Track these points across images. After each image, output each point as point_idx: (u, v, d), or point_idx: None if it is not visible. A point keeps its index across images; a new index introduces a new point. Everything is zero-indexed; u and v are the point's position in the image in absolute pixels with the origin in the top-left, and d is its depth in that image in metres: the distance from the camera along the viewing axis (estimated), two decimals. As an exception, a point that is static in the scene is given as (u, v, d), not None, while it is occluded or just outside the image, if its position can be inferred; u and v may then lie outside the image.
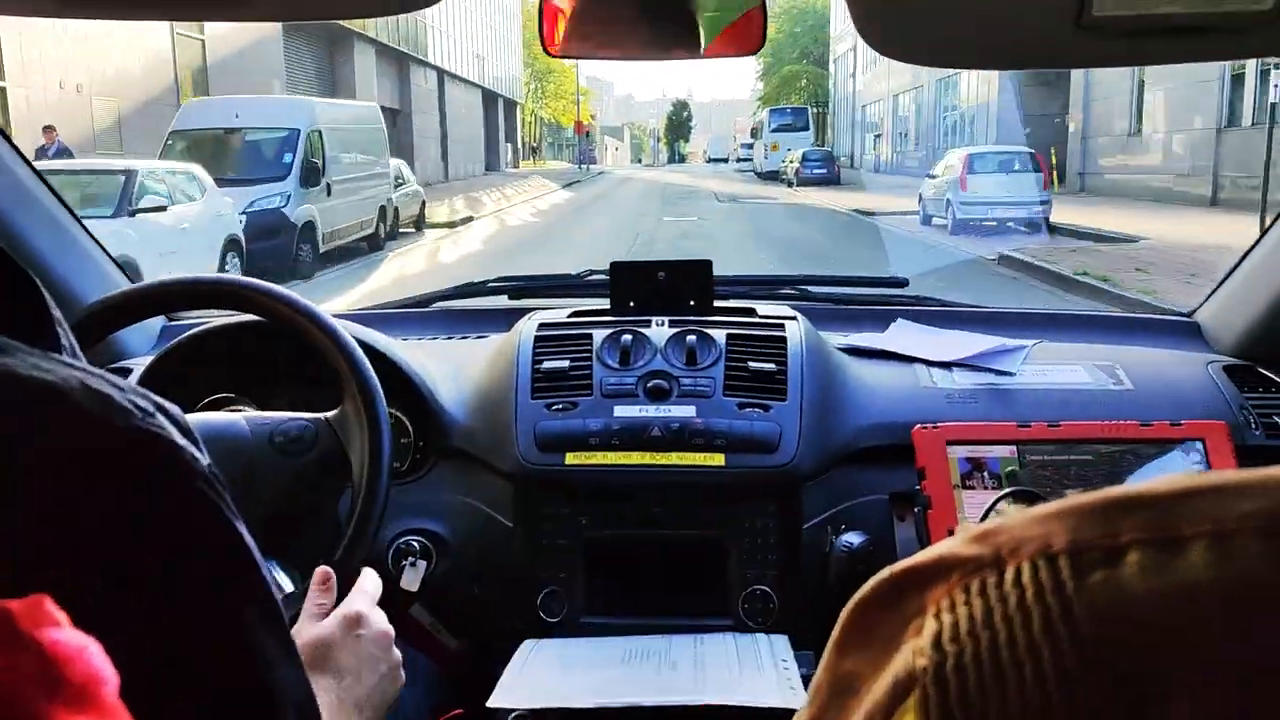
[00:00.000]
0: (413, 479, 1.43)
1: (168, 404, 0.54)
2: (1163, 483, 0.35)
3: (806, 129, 37.77)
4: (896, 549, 1.32)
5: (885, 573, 0.39)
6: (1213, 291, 1.71)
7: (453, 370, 1.54)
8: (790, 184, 27.18)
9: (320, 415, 1.23)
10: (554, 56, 1.23)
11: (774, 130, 37.59)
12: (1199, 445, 1.31)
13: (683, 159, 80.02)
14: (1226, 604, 0.31)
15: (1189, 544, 0.32)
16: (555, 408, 1.37)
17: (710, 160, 73.69)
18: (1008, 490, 0.98)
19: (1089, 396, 1.43)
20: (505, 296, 1.90)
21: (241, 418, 1.23)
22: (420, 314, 1.89)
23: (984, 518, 0.92)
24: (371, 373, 1.24)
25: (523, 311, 1.79)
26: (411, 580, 1.33)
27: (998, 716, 0.33)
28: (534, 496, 1.34)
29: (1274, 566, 0.31)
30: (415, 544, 1.35)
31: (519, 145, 49.53)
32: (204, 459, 0.54)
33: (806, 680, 1.19)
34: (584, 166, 45.13)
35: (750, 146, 57.66)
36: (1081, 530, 0.34)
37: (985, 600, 0.35)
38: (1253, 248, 1.60)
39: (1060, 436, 1.31)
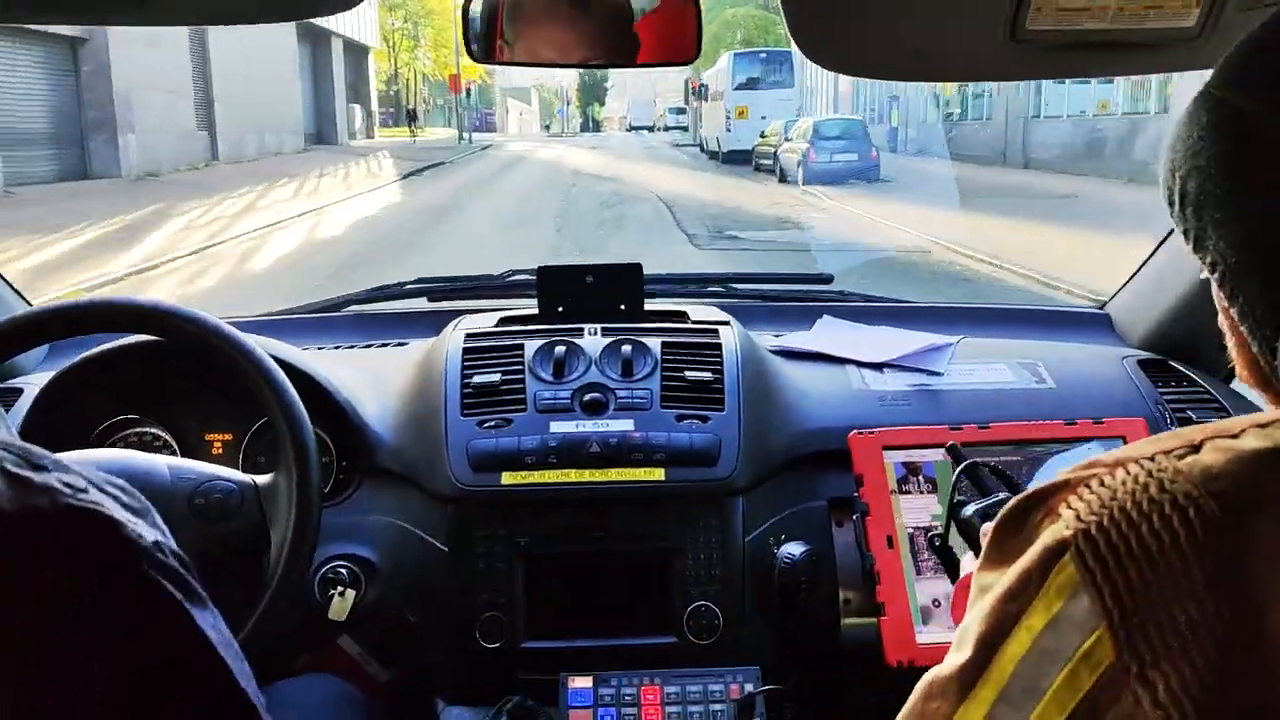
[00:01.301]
0: (337, 502, 1.37)
1: (109, 477, 0.49)
2: (1207, 424, 0.55)
3: (789, 85, 24.03)
4: (836, 556, 1.32)
5: (1014, 502, 0.58)
6: (1124, 284, 1.76)
7: (373, 382, 1.47)
8: (785, 178, 17.69)
9: (249, 479, 1.17)
10: (479, 62, 1.18)
11: (740, 87, 23.53)
12: (1120, 443, 1.34)
13: (597, 126, 67.90)
14: (1267, 458, 0.51)
15: (1243, 434, 0.52)
16: (488, 425, 1.32)
17: (632, 128, 60.45)
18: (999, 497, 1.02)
19: (1015, 396, 1.46)
20: (424, 299, 1.84)
21: (165, 465, 1.15)
22: (330, 319, 1.82)
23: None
24: (292, 392, 1.18)
25: (443, 315, 1.74)
26: (340, 610, 1.28)
27: (1139, 550, 0.49)
28: (469, 518, 1.30)
29: (1270, 439, 0.52)
30: (343, 571, 1.29)
31: (374, 109, 36.74)
32: (151, 534, 0.49)
33: (744, 689, 1.19)
34: (464, 137, 35.31)
35: (682, 111, 47.64)
36: (1168, 444, 0.53)
37: (1108, 488, 0.52)
38: (1163, 242, 1.65)
39: (991, 439, 1.33)
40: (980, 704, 0.53)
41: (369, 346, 1.66)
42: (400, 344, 1.65)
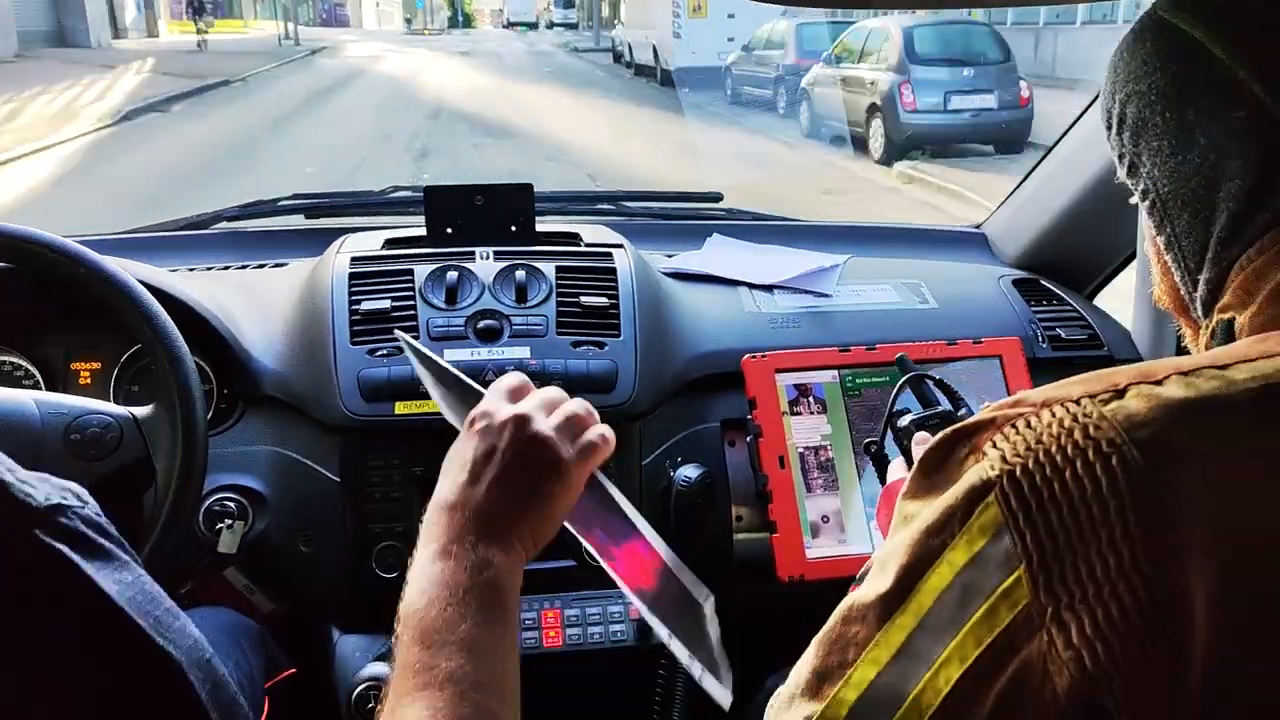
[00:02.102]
0: (219, 431, 1.32)
1: None
2: (1137, 364, 0.56)
3: None
4: (729, 475, 1.35)
5: (941, 435, 0.59)
6: (1000, 205, 1.82)
7: (253, 306, 1.41)
8: (831, 135, 10.29)
9: (127, 412, 1.11)
10: None
11: None
12: (998, 360, 1.41)
13: (468, 22, 56.18)
14: (1194, 405, 0.51)
15: (1166, 380, 0.52)
16: (379, 353, 1.29)
17: (511, 25, 49.50)
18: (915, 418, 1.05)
19: (899, 316, 1.50)
20: (301, 215, 1.76)
21: (32, 400, 1.08)
22: (199, 237, 1.72)
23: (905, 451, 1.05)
24: (166, 319, 1.12)
25: (322, 233, 1.67)
26: (230, 543, 1.24)
27: (1061, 496, 0.50)
28: (362, 448, 1.27)
29: (1201, 388, 0.52)
30: (230, 503, 1.26)
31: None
32: (42, 494, 0.47)
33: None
34: (289, 37, 27.51)
35: (570, 5, 43.10)
36: (1093, 386, 0.54)
37: (1033, 430, 0.53)
38: (1038, 164, 1.70)
39: (878, 359, 1.37)
40: (900, 630, 0.55)
41: (245, 267, 1.58)
42: (279, 264, 1.58)
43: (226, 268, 1.58)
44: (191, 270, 1.55)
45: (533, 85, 17.34)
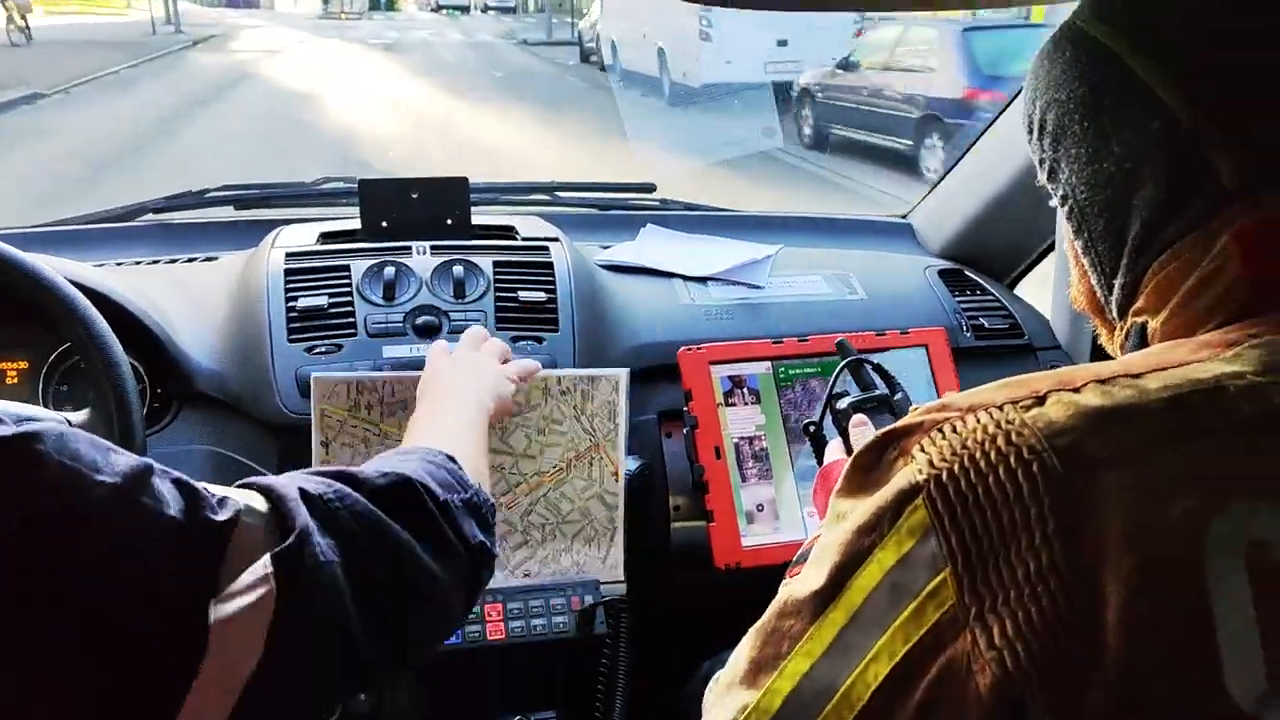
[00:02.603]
0: (153, 431, 1.30)
1: None
2: (1058, 369, 0.58)
3: None
4: (666, 465, 1.38)
5: (873, 436, 0.60)
6: (926, 195, 1.87)
7: (184, 301, 1.39)
8: None
9: (60, 418, 1.09)
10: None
11: None
12: (924, 350, 1.46)
13: (391, 4, 45.22)
14: (1110, 413, 0.53)
15: (1084, 388, 0.54)
16: (317, 350, 1.29)
17: (440, 8, 41.91)
18: (852, 400, 1.09)
19: (830, 307, 1.54)
20: (230, 207, 1.73)
21: None
22: (124, 230, 1.69)
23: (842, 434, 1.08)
24: (98, 319, 1.10)
25: (252, 225, 1.65)
26: None
27: (985, 500, 0.52)
28: (301, 446, 1.27)
29: (1116, 396, 0.54)
30: None
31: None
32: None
33: (584, 601, 1.25)
34: (166, 22, 22.60)
35: None
36: (1014, 394, 0.56)
37: (959, 435, 0.55)
38: (962, 157, 1.75)
39: (809, 351, 1.41)
40: (831, 626, 0.57)
41: (174, 261, 1.56)
42: (209, 258, 1.56)
43: (155, 262, 1.55)
44: (119, 265, 1.52)
45: (487, 103, 12.24)
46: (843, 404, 1.09)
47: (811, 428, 1.14)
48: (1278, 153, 0.59)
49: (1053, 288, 1.61)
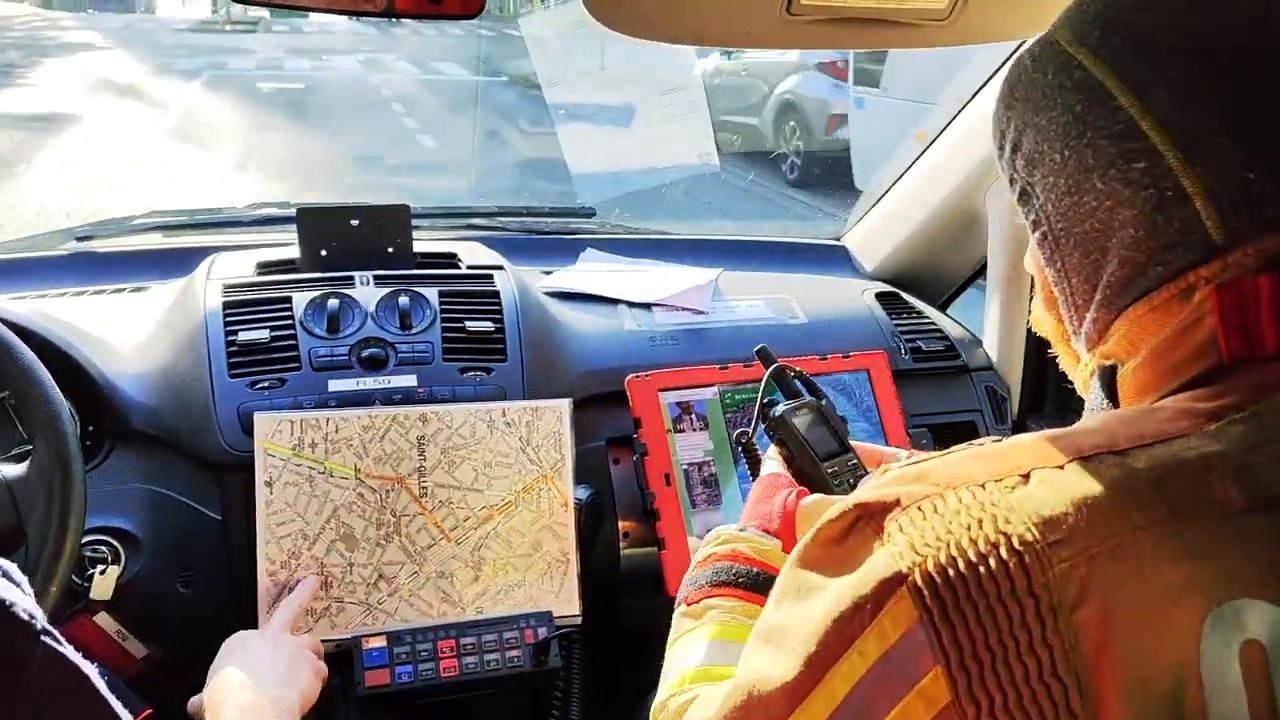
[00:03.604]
0: (87, 470, 1.25)
1: None
2: (1036, 438, 0.55)
3: None
4: (615, 492, 1.38)
5: (842, 507, 0.57)
6: (860, 217, 1.91)
7: (115, 334, 1.35)
8: None
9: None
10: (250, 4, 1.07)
11: None
12: (866, 374, 1.49)
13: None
14: (1098, 496, 0.50)
15: (1069, 467, 0.52)
16: (260, 385, 1.26)
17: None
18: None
19: (772, 332, 1.56)
20: (159, 234, 1.68)
21: None
22: (46, 260, 1.63)
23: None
24: (32, 359, 1.06)
25: (183, 253, 1.61)
26: (104, 589, 1.19)
27: (977, 595, 0.49)
28: (246, 484, 1.24)
29: (1102, 477, 0.51)
30: (102, 546, 1.20)
31: None
32: None
33: (538, 634, 1.24)
34: None
35: None
36: (995, 469, 0.53)
37: (940, 517, 0.52)
38: (897, 180, 1.80)
39: (755, 376, 1.42)
40: (812, 718, 0.54)
41: (100, 292, 1.50)
42: (139, 288, 1.51)
43: (81, 293, 1.50)
44: (42, 296, 1.46)
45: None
46: (777, 411, 1.07)
47: (744, 438, 1.14)
48: (1262, 204, 0.56)
49: (986, 312, 1.66)
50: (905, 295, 1.73)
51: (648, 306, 1.58)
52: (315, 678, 1.08)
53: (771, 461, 1.05)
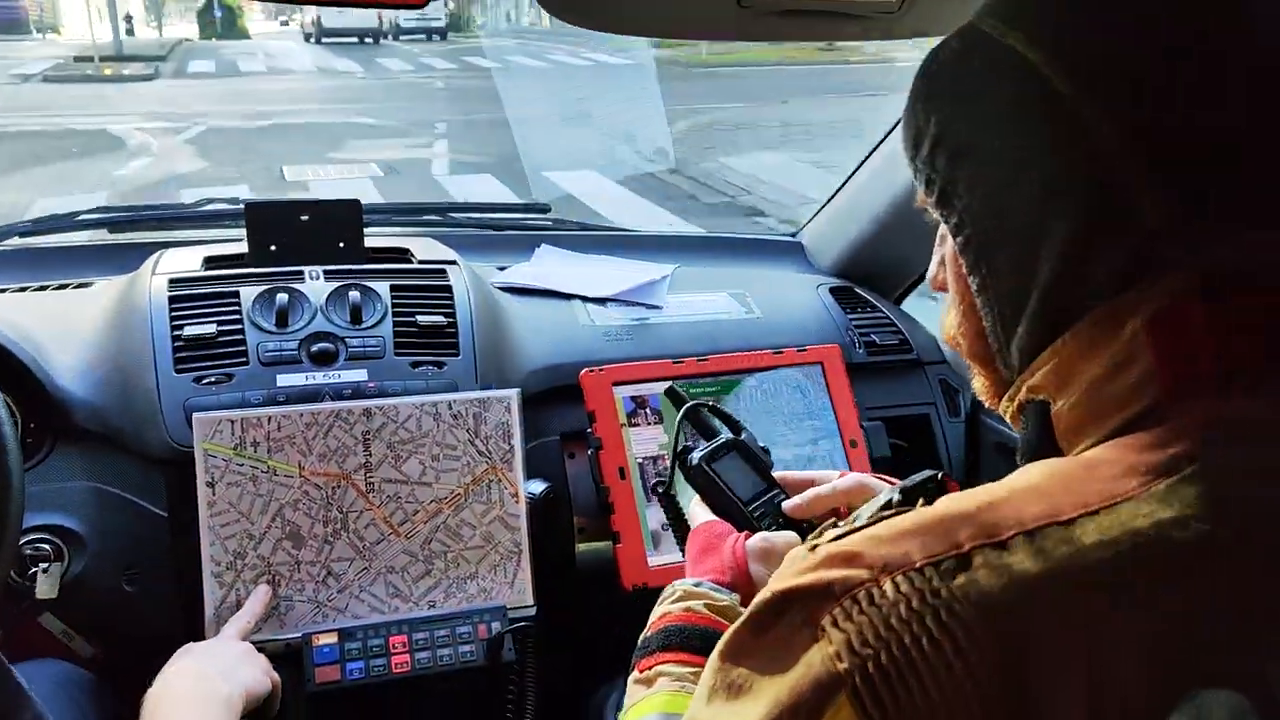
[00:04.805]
0: (28, 467, 1.23)
1: None
2: (970, 501, 0.51)
3: None
4: (570, 487, 1.38)
5: (768, 594, 0.52)
6: (815, 214, 1.92)
7: (56, 331, 1.32)
8: None
9: None
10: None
11: None
12: (820, 367, 1.49)
13: (231, 27, 25.41)
14: (1047, 584, 0.46)
15: (1011, 543, 0.47)
16: (207, 381, 1.24)
17: (324, 39, 22.77)
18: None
19: (728, 327, 1.57)
20: (104, 230, 1.65)
21: None
22: None
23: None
24: None
25: (129, 249, 1.58)
26: (48, 588, 1.17)
27: (920, 698, 0.45)
28: (191, 480, 1.22)
29: (1050, 557, 0.47)
30: (44, 545, 1.18)
31: None
32: None
33: (491, 628, 1.23)
34: None
35: None
36: (931, 545, 0.49)
37: (878, 610, 0.47)
38: (851, 175, 1.81)
39: (709, 370, 1.43)
40: None
41: (44, 288, 1.47)
42: (83, 284, 1.48)
43: (23, 289, 1.46)
44: None
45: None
46: (695, 459, 1.01)
47: (660, 488, 1.08)
48: (1209, 212, 0.52)
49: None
50: (859, 290, 1.74)
51: (603, 302, 1.58)
52: (263, 676, 1.06)
53: (698, 509, 1.02)
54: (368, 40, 22.91)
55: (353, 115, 11.05)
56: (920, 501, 0.65)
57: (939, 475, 0.72)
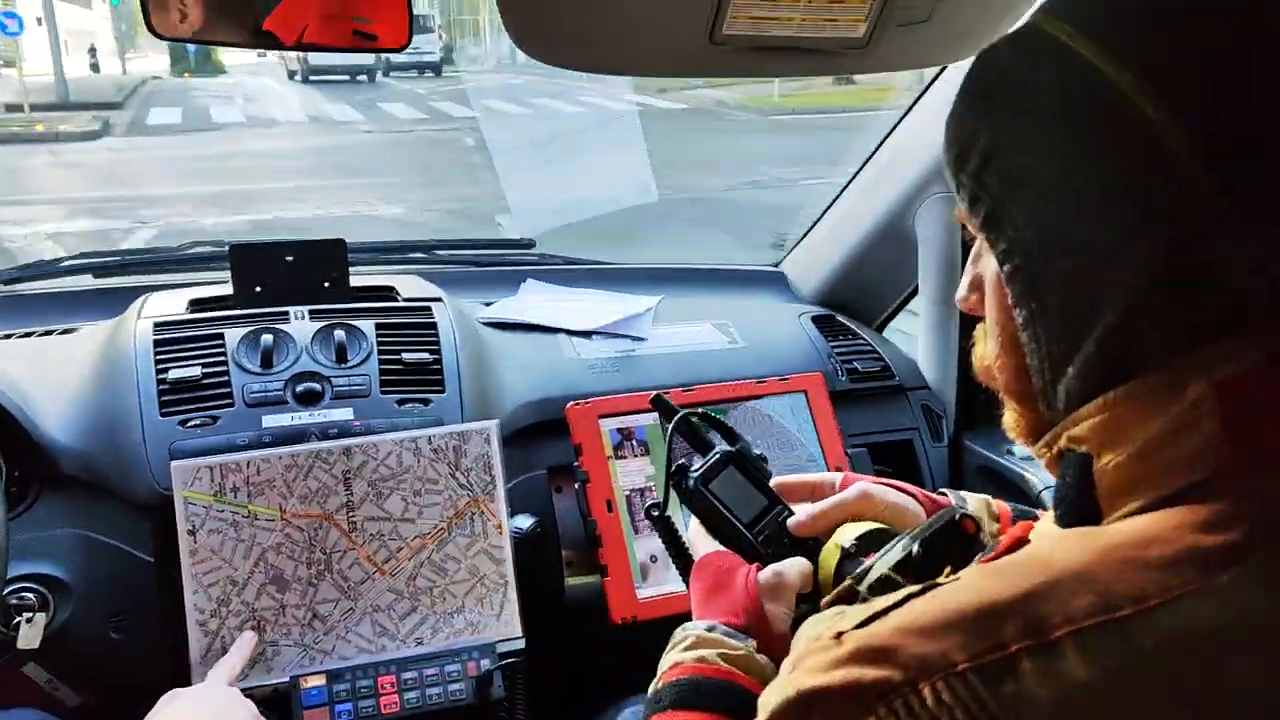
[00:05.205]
0: (13, 516, 1.23)
1: None
2: (1011, 585, 0.46)
3: None
4: (558, 521, 1.38)
5: (790, 694, 0.47)
6: (796, 243, 1.94)
7: (42, 377, 1.32)
8: None
9: None
10: (160, 38, 1.08)
11: None
12: (803, 396, 1.50)
13: (204, 67, 21.66)
14: (1103, 695, 0.42)
15: (1060, 643, 0.43)
16: (192, 424, 1.24)
17: (311, 76, 19.35)
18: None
19: (711, 357, 1.58)
20: (89, 275, 1.66)
21: None
22: None
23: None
24: None
25: (114, 294, 1.59)
26: (31, 638, 1.16)
27: None
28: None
29: (1105, 664, 0.43)
30: (29, 594, 1.17)
31: None
32: None
33: (480, 665, 1.22)
34: None
35: (425, 29, 19.69)
36: (973, 645, 0.44)
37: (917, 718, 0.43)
38: (831, 204, 1.83)
39: (694, 400, 1.44)
40: None
41: (29, 335, 1.48)
42: (68, 330, 1.49)
43: (8, 336, 1.47)
44: None
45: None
46: (693, 480, 0.93)
47: (655, 512, 0.98)
48: None
49: (920, 332, 1.68)
50: (841, 318, 1.76)
51: (587, 334, 1.59)
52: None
53: (701, 539, 0.94)
54: (360, 78, 20.11)
55: (374, 201, 8.08)
56: (947, 570, 0.61)
57: (956, 515, 0.67)
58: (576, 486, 1.35)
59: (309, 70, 19.87)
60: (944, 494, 0.94)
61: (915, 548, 0.59)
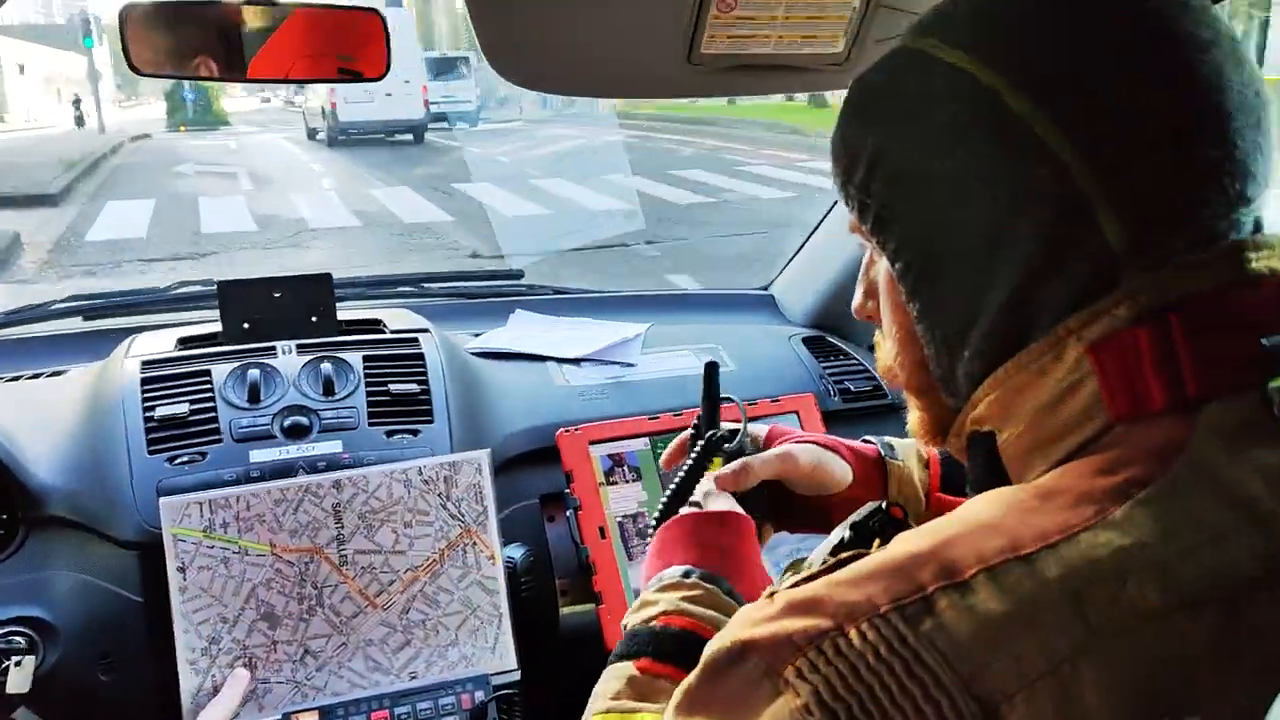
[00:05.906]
0: (1, 560, 1.22)
1: None
2: (928, 539, 0.49)
3: None
4: (551, 549, 1.37)
5: (725, 642, 0.51)
6: (785, 266, 1.94)
7: (30, 420, 1.32)
8: None
9: None
10: (140, 74, 1.09)
11: None
12: (795, 416, 1.50)
13: (207, 112, 21.05)
14: (1014, 621, 0.45)
15: (974, 580, 0.46)
16: (180, 460, 1.23)
17: (340, 138, 14.99)
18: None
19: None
20: (79, 318, 1.66)
21: None
22: None
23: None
24: None
25: (104, 335, 1.59)
26: (20, 682, 1.15)
27: None
28: (166, 564, 1.21)
29: (1014, 594, 0.46)
30: (18, 638, 1.16)
31: None
32: None
33: (475, 698, 1.21)
34: None
35: (452, 70, 18.21)
36: (893, 589, 0.47)
37: (845, 660, 0.46)
38: (818, 226, 1.83)
39: (685, 425, 1.43)
40: None
41: (17, 378, 1.47)
42: (57, 373, 1.48)
43: None
44: None
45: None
46: (732, 445, 0.98)
47: (718, 440, 1.01)
48: (1169, 231, 0.52)
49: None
50: (831, 338, 1.76)
51: (577, 362, 1.59)
52: None
53: (723, 498, 0.93)
54: (403, 136, 15.61)
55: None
56: (875, 543, 0.65)
57: (884, 504, 0.73)
58: (568, 514, 1.34)
59: (337, 130, 15.47)
60: (870, 442, 0.99)
61: (846, 533, 0.63)
